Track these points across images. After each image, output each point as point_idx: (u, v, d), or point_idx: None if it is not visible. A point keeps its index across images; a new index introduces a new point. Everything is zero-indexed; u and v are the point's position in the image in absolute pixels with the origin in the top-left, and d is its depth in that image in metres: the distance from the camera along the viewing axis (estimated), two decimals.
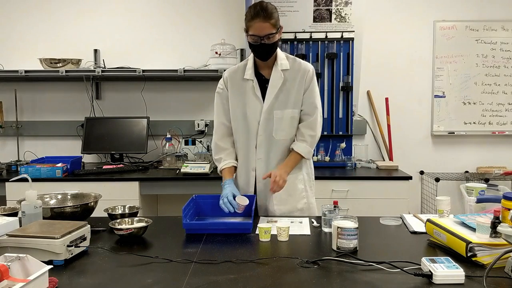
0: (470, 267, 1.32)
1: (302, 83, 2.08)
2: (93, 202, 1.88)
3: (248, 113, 2.09)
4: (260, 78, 2.10)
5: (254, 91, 2.08)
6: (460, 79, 3.63)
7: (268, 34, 1.95)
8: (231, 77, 2.15)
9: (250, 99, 2.09)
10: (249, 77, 2.09)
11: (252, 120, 2.09)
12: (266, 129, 2.08)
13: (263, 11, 1.93)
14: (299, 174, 2.15)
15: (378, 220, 1.89)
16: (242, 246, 1.59)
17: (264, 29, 1.94)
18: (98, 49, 3.64)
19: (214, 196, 2.07)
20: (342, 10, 3.53)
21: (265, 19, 1.93)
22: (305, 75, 2.08)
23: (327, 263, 1.39)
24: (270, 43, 1.97)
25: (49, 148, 3.68)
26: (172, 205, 3.60)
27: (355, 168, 3.34)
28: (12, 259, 1.17)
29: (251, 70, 2.10)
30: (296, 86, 2.07)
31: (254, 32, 1.95)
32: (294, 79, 2.07)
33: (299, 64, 2.11)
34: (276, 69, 2.07)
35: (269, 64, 2.08)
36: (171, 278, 1.29)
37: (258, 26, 1.94)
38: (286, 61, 2.09)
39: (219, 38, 3.41)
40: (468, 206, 1.87)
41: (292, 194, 2.11)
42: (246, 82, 2.10)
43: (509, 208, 1.30)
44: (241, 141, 2.13)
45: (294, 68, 2.09)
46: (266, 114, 2.07)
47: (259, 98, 2.08)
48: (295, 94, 2.07)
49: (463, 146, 3.71)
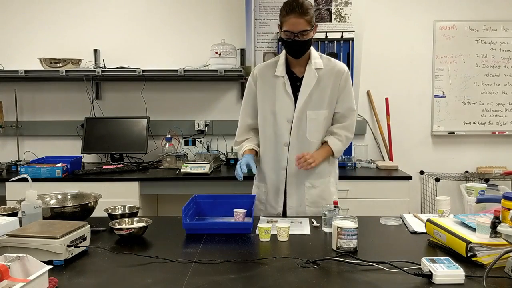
0: (470, 267, 1.32)
1: (337, 84, 2.04)
2: (93, 202, 1.88)
3: (277, 111, 2.05)
4: (291, 75, 2.06)
5: (285, 88, 2.03)
6: (460, 79, 3.63)
7: (302, 31, 1.90)
8: (261, 73, 2.10)
9: (281, 96, 2.04)
10: (280, 74, 2.04)
11: (282, 118, 2.05)
12: (299, 130, 2.05)
13: (299, 7, 1.88)
14: (331, 177, 2.15)
15: (378, 220, 1.89)
16: (242, 246, 1.59)
17: (299, 25, 1.89)
18: (98, 49, 3.64)
19: (214, 196, 2.07)
20: (342, 10, 3.53)
21: (300, 15, 1.88)
22: (340, 75, 2.04)
23: (327, 263, 1.39)
24: (303, 40, 1.93)
25: (49, 148, 3.68)
26: (172, 205, 3.61)
27: (355, 168, 3.34)
28: (12, 259, 1.17)
29: (283, 66, 2.05)
30: (330, 86, 2.03)
31: (288, 28, 1.91)
32: (328, 79, 2.03)
33: (334, 63, 2.07)
34: (310, 68, 2.02)
35: (301, 62, 2.04)
36: (171, 278, 1.29)
37: (292, 22, 1.89)
38: (320, 60, 2.05)
39: (219, 38, 3.41)
40: (468, 206, 1.87)
41: (325, 198, 2.09)
42: (276, 78, 2.06)
43: (509, 208, 1.30)
44: (270, 138, 2.09)
45: (328, 68, 2.04)
46: (299, 114, 2.03)
47: (290, 96, 2.03)
48: (329, 94, 2.03)
49: (463, 146, 3.71)
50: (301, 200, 2.10)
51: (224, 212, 1.94)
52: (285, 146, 2.08)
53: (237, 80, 3.62)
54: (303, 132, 2.05)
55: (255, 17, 3.53)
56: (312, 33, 1.96)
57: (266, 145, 2.11)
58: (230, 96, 3.68)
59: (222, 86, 3.67)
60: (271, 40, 3.54)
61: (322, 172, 2.11)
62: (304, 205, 2.10)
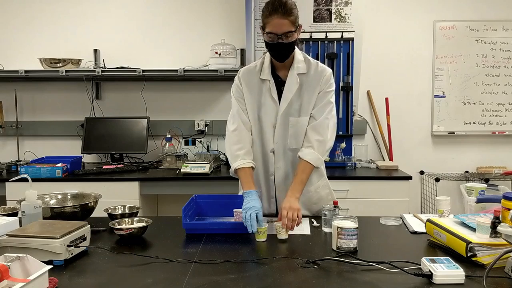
0: (470, 267, 1.32)
1: (317, 87, 1.94)
2: (93, 202, 1.88)
3: (262, 115, 1.98)
4: (276, 79, 1.97)
5: (271, 93, 1.95)
6: (460, 79, 3.63)
7: (287, 32, 1.79)
8: (247, 76, 2.02)
9: (266, 101, 1.96)
10: (266, 77, 1.96)
11: (267, 122, 1.97)
12: (282, 136, 1.97)
13: (282, 7, 1.77)
14: (322, 181, 2.08)
15: (378, 220, 1.89)
16: (242, 246, 1.59)
17: (282, 27, 1.78)
18: (98, 49, 3.64)
19: (214, 196, 2.07)
20: (342, 10, 3.53)
21: (283, 15, 1.77)
22: (321, 78, 1.94)
23: (327, 263, 1.39)
24: (288, 43, 1.82)
25: (49, 148, 3.68)
26: (172, 205, 3.61)
27: (355, 168, 3.34)
28: (12, 259, 1.17)
29: (268, 69, 1.96)
30: (311, 91, 1.94)
31: (271, 29, 1.79)
32: (310, 84, 1.94)
33: (316, 67, 1.96)
34: (292, 73, 1.93)
35: (286, 65, 1.95)
36: (171, 278, 1.29)
37: (275, 23, 1.78)
38: (304, 64, 1.94)
39: (219, 38, 3.41)
40: (468, 206, 1.87)
41: (317, 202, 2.04)
42: (262, 82, 1.97)
43: (509, 208, 1.30)
44: (256, 143, 2.01)
45: (310, 72, 1.95)
46: (282, 120, 1.95)
47: (275, 100, 1.95)
48: (308, 100, 1.94)
49: (463, 146, 3.71)
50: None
51: (224, 212, 1.94)
52: (270, 153, 2.00)
53: None
54: (284, 138, 1.97)
55: (255, 17, 3.53)
56: (297, 35, 1.85)
57: (255, 151, 2.02)
58: (230, 96, 3.67)
59: (222, 86, 3.67)
60: None
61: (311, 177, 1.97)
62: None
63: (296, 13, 1.82)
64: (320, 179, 2.08)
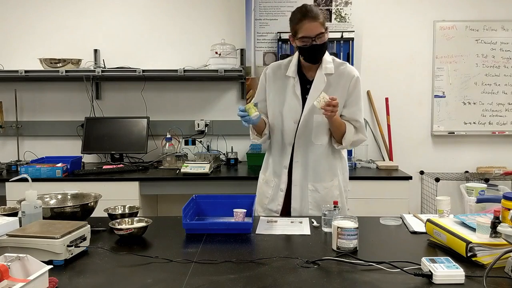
0: (470, 267, 1.32)
1: (345, 89, 2.03)
2: (93, 202, 1.88)
3: (285, 111, 2.06)
4: (302, 78, 2.07)
5: (294, 90, 2.05)
6: (460, 79, 3.63)
7: (319, 34, 1.92)
8: (274, 72, 2.12)
9: (289, 97, 2.06)
10: (291, 75, 2.06)
11: (289, 118, 2.06)
12: (305, 132, 2.06)
13: (310, 12, 1.91)
14: (334, 180, 2.14)
15: (378, 220, 1.89)
16: (242, 246, 1.59)
17: (315, 29, 1.91)
18: (98, 49, 3.64)
19: (214, 196, 2.07)
20: (342, 10, 3.53)
21: (314, 18, 1.91)
22: (348, 81, 2.03)
23: (327, 263, 1.39)
24: (321, 44, 1.94)
25: (49, 148, 3.68)
26: (172, 205, 3.61)
27: (355, 168, 3.34)
28: (12, 259, 1.17)
29: (295, 67, 2.07)
30: (339, 91, 2.02)
31: (304, 33, 1.92)
32: (337, 84, 2.03)
33: (344, 69, 2.06)
34: (320, 73, 2.03)
35: (314, 66, 2.04)
36: (171, 278, 1.29)
37: (308, 26, 1.91)
38: (332, 64, 2.05)
39: (219, 38, 3.41)
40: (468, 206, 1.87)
41: (328, 201, 2.08)
42: (287, 79, 2.07)
43: (509, 208, 1.30)
44: (276, 138, 2.12)
45: (338, 73, 2.05)
46: (306, 117, 2.04)
47: (298, 98, 2.05)
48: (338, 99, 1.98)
49: (463, 146, 3.71)
50: (304, 203, 2.11)
51: (224, 212, 1.94)
52: (289, 146, 2.09)
53: (237, 80, 3.62)
54: (308, 134, 2.06)
55: (255, 17, 3.53)
56: (327, 36, 1.97)
57: (273, 143, 2.15)
58: (230, 96, 3.68)
59: (222, 86, 3.67)
60: (271, 40, 3.54)
61: (324, 175, 2.11)
62: (308, 208, 2.10)
63: (323, 16, 1.95)
64: (333, 178, 2.14)
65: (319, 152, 2.08)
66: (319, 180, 2.11)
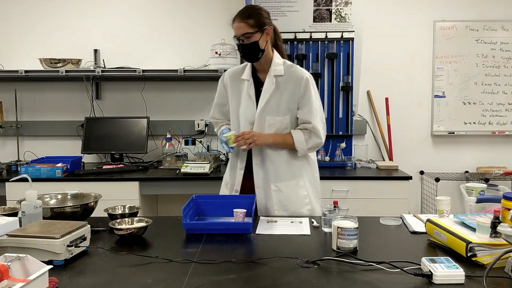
0: (470, 267, 1.32)
1: (296, 91, 2.06)
2: (93, 202, 1.88)
3: (241, 113, 2.12)
4: (256, 80, 2.13)
5: (248, 92, 2.10)
6: (460, 79, 3.63)
7: (245, 34, 2.00)
8: (231, 77, 2.20)
9: (244, 99, 2.12)
10: (246, 77, 2.13)
11: (245, 120, 2.11)
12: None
13: (242, 13, 2.03)
14: (299, 180, 2.15)
15: (378, 220, 1.89)
16: (242, 246, 1.59)
17: (240, 29, 2.01)
18: (98, 49, 3.64)
19: (214, 196, 2.08)
20: (342, 10, 3.53)
21: (241, 19, 2.01)
22: (299, 82, 2.06)
23: (327, 263, 1.39)
24: (249, 43, 2.01)
25: (49, 148, 3.68)
26: (172, 205, 3.61)
27: (355, 168, 3.34)
28: (12, 259, 1.17)
29: (249, 71, 2.14)
30: (288, 93, 2.07)
31: (234, 33, 2.05)
32: (287, 86, 2.07)
33: (294, 71, 2.10)
34: (270, 75, 2.09)
35: (265, 68, 2.10)
36: (171, 278, 1.29)
37: (235, 26, 2.04)
38: (281, 66, 2.10)
39: (219, 38, 3.41)
40: (468, 206, 1.87)
41: (293, 201, 2.12)
42: (242, 82, 2.14)
43: (509, 208, 1.30)
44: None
45: (288, 75, 2.08)
46: (259, 118, 2.09)
47: (252, 99, 2.10)
48: (286, 101, 2.07)
49: (463, 146, 3.71)
50: (269, 203, 2.12)
51: (224, 212, 1.94)
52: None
53: None
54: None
55: None
56: (259, 36, 2.01)
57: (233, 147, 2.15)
58: None
59: None
60: None
61: (286, 175, 2.12)
62: (274, 209, 2.11)
63: (258, 17, 2.02)
64: (296, 179, 2.15)
65: (276, 153, 2.11)
66: (280, 180, 2.12)
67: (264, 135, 2.06)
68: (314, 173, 2.23)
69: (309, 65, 3.42)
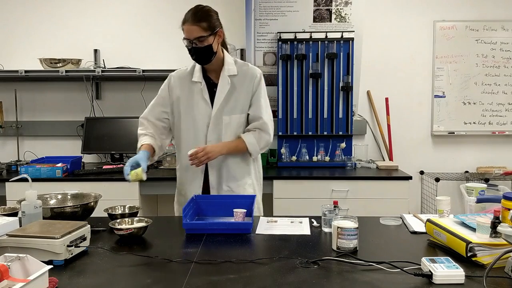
0: (470, 267, 1.32)
1: (250, 88, 2.09)
2: (93, 202, 1.88)
3: (196, 116, 2.09)
4: (208, 81, 2.11)
5: (202, 94, 2.08)
6: (460, 79, 3.63)
7: (198, 37, 1.96)
8: (179, 80, 2.15)
9: (199, 102, 2.09)
10: (197, 80, 2.10)
11: (200, 122, 2.09)
12: (215, 134, 2.08)
13: (193, 15, 1.96)
14: (248, 179, 2.17)
15: (378, 220, 1.89)
16: (242, 246, 1.59)
17: (193, 32, 1.96)
18: (98, 49, 3.64)
19: (214, 196, 2.08)
20: (342, 10, 3.53)
21: (193, 22, 1.95)
22: (252, 80, 2.09)
23: (327, 263, 1.39)
24: (202, 46, 1.98)
25: (49, 148, 3.68)
26: (172, 205, 3.59)
27: (355, 168, 3.34)
28: (12, 259, 1.17)
29: (199, 72, 2.11)
30: (244, 91, 2.08)
31: (185, 35, 2.00)
32: (241, 84, 2.08)
33: (247, 69, 2.11)
34: (223, 75, 2.08)
35: (216, 69, 2.09)
36: (171, 278, 1.29)
37: (186, 29, 1.98)
38: (234, 66, 2.10)
39: None
40: (468, 206, 1.87)
41: None
42: (194, 84, 2.11)
43: (509, 208, 1.30)
44: (190, 143, 2.10)
45: (242, 74, 2.09)
46: (215, 119, 2.07)
47: (207, 102, 2.08)
48: (242, 99, 2.08)
49: (463, 146, 3.71)
50: None
51: (224, 212, 1.94)
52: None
53: None
54: (218, 136, 2.08)
55: (255, 17, 3.53)
56: (212, 39, 1.99)
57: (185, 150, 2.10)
58: None
59: None
60: (271, 40, 3.54)
61: (237, 174, 2.14)
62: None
63: (210, 19, 1.98)
64: (246, 177, 2.17)
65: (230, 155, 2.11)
66: (233, 180, 2.13)
67: (217, 147, 2.03)
68: (259, 168, 2.26)
69: (309, 65, 3.42)
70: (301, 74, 3.42)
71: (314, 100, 3.44)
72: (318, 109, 3.44)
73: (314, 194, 3.02)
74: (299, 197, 3.03)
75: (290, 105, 3.44)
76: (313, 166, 3.35)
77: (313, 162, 3.39)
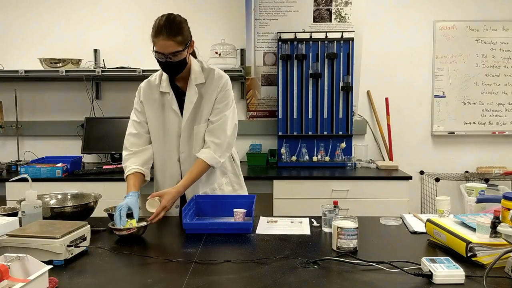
0: (470, 267, 1.32)
1: (215, 94, 2.00)
2: (93, 202, 1.88)
3: (166, 126, 2.02)
4: (176, 90, 2.02)
5: (171, 105, 2.00)
6: (460, 79, 3.63)
7: (173, 52, 1.83)
8: (147, 91, 2.07)
9: (168, 113, 2.01)
10: (165, 90, 2.00)
11: (171, 133, 2.02)
12: (187, 145, 2.02)
13: (167, 28, 1.83)
14: (224, 178, 2.13)
15: (378, 220, 1.89)
16: (242, 246, 1.59)
17: (168, 48, 1.83)
18: (98, 49, 3.64)
19: (214, 196, 2.07)
20: (342, 10, 3.53)
21: (169, 37, 1.82)
22: (218, 85, 2.00)
23: (327, 263, 1.39)
24: (177, 61, 1.87)
25: (49, 148, 3.68)
26: None
27: (355, 168, 3.34)
28: (12, 259, 1.17)
29: (167, 82, 2.01)
30: (210, 99, 2.00)
31: (158, 49, 1.85)
32: (211, 92, 2.00)
33: (213, 75, 2.01)
34: (191, 84, 1.98)
35: (184, 75, 1.98)
36: (171, 278, 1.29)
37: (161, 44, 1.83)
38: (201, 74, 2.00)
39: (219, 38, 3.41)
40: (468, 206, 1.87)
41: None
42: (162, 95, 2.03)
43: (509, 208, 1.30)
44: (162, 154, 2.05)
45: (208, 81, 2.01)
46: (186, 129, 2.00)
47: (177, 112, 2.00)
48: (209, 107, 2.00)
49: (463, 146, 3.71)
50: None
51: (224, 212, 1.94)
52: (177, 162, 2.04)
53: (237, 80, 3.62)
54: (190, 147, 2.02)
55: (255, 17, 3.53)
56: (186, 52, 1.89)
57: (160, 162, 2.06)
58: None
59: None
60: (271, 40, 3.55)
61: (210, 179, 2.08)
62: None
63: (184, 32, 1.87)
64: (223, 176, 2.13)
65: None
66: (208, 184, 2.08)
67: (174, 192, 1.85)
68: (236, 161, 2.19)
69: (309, 65, 3.42)
70: (301, 74, 3.42)
71: (314, 100, 3.44)
72: (318, 109, 3.44)
73: (314, 194, 3.02)
74: (299, 197, 3.03)
75: (290, 105, 3.44)
76: (313, 166, 3.35)
77: (313, 162, 3.39)
